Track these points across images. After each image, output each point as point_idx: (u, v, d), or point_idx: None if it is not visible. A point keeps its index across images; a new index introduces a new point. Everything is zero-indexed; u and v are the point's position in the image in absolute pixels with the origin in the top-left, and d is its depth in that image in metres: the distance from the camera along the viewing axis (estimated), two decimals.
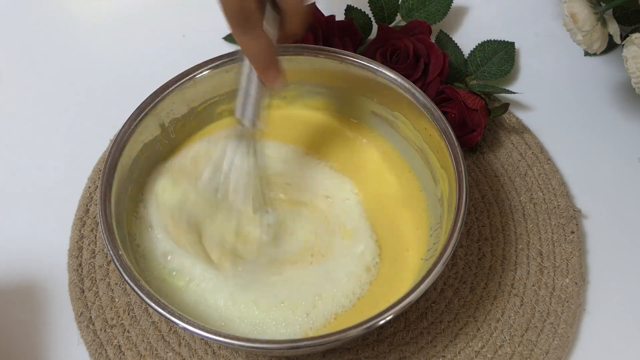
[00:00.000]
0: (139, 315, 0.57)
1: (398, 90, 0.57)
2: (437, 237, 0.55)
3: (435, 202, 0.57)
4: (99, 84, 0.71)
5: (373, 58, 0.62)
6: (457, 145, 0.54)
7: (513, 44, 0.70)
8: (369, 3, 0.71)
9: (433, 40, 0.69)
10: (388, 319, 0.47)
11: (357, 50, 0.69)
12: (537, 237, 0.60)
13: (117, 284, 0.58)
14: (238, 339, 0.46)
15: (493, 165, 0.65)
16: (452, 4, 0.71)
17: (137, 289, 0.48)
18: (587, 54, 0.73)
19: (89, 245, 0.60)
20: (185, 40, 0.75)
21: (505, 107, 0.65)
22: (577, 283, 0.58)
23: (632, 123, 0.68)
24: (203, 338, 0.51)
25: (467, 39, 0.71)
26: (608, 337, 0.57)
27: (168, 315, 0.47)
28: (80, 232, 0.61)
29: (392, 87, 0.57)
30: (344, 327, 0.47)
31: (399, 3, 0.71)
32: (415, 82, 0.63)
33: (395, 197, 0.60)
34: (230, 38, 0.73)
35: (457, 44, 0.71)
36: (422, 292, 0.47)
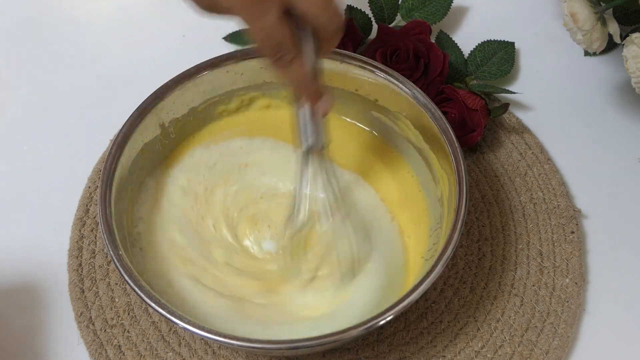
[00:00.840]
0: (139, 315, 0.57)
1: (398, 90, 0.57)
2: (437, 237, 0.55)
3: (435, 202, 0.57)
4: (99, 84, 0.71)
5: (373, 58, 0.62)
6: (457, 145, 0.54)
7: (513, 44, 0.70)
8: (369, 3, 0.71)
9: (433, 40, 0.69)
10: (388, 319, 0.47)
11: (357, 50, 0.69)
12: (537, 237, 0.60)
13: (117, 284, 0.58)
14: (238, 339, 0.46)
15: (493, 165, 0.65)
16: (452, 4, 0.71)
17: (137, 289, 0.48)
18: (587, 54, 0.73)
19: (89, 245, 0.60)
20: (185, 40, 0.75)
21: (505, 107, 0.65)
22: (577, 283, 0.58)
23: (632, 123, 0.68)
24: (203, 338, 0.51)
25: (467, 39, 0.71)
26: (608, 337, 0.57)
27: (168, 315, 0.47)
28: (80, 232, 0.61)
29: (392, 87, 0.57)
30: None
31: (399, 3, 0.71)
32: (415, 82, 0.63)
33: (395, 197, 0.60)
34: (230, 38, 0.73)
35: (457, 44, 0.71)
36: (422, 292, 0.47)
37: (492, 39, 0.70)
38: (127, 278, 0.48)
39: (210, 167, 0.60)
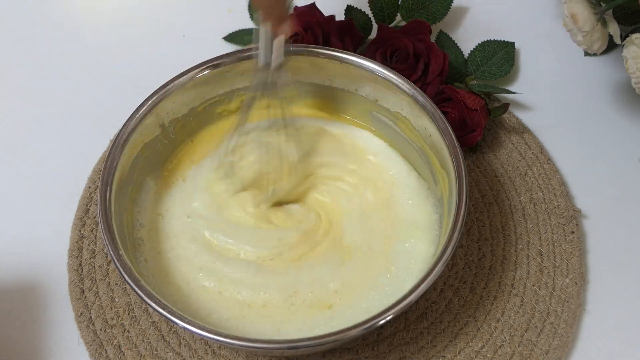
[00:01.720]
0: (139, 315, 0.57)
1: (398, 90, 0.57)
2: (437, 236, 0.55)
3: (435, 202, 0.57)
4: (99, 84, 0.71)
5: (373, 58, 0.62)
6: (457, 145, 0.54)
7: (513, 44, 0.70)
8: (369, 3, 0.70)
9: (433, 40, 0.69)
10: (388, 319, 0.47)
11: (357, 50, 0.69)
12: (537, 237, 0.60)
13: (117, 284, 0.58)
14: (238, 339, 0.46)
15: (493, 165, 0.65)
16: (452, 4, 0.71)
17: (137, 289, 0.48)
18: (587, 54, 0.73)
19: (89, 245, 0.60)
20: (185, 40, 0.75)
21: (505, 107, 0.65)
22: (577, 283, 0.58)
23: (632, 123, 0.68)
24: (203, 338, 0.51)
25: (467, 39, 0.71)
26: (608, 337, 0.57)
27: (168, 315, 0.47)
28: (80, 232, 0.61)
29: (392, 87, 0.57)
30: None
31: (399, 3, 0.71)
32: (415, 82, 0.63)
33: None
34: (230, 38, 0.73)
35: (457, 44, 0.71)
36: (422, 292, 0.47)
37: (492, 39, 0.70)
38: (127, 278, 0.48)
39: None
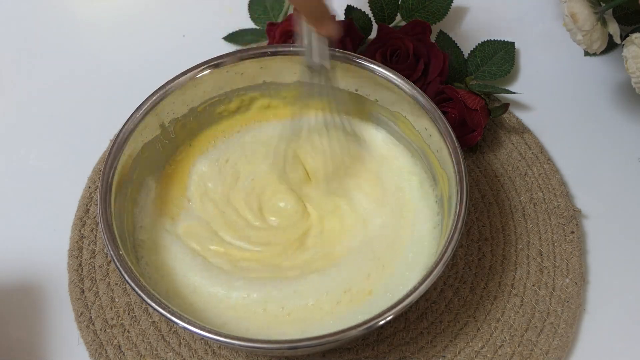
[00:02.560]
0: (139, 315, 0.57)
1: (398, 90, 0.57)
2: (437, 237, 0.55)
3: (435, 202, 0.57)
4: (99, 84, 0.71)
5: (373, 58, 0.62)
6: (457, 145, 0.54)
7: (513, 44, 0.70)
8: (369, 3, 0.70)
9: (433, 40, 0.69)
10: (388, 319, 0.47)
11: (357, 50, 0.69)
12: (537, 237, 0.60)
13: (117, 284, 0.58)
14: (238, 339, 0.46)
15: (493, 165, 0.65)
16: (452, 4, 0.71)
17: (137, 289, 0.48)
18: (587, 54, 0.73)
19: (89, 245, 0.60)
20: (185, 40, 0.75)
21: (505, 107, 0.65)
22: (577, 283, 0.58)
23: (632, 123, 0.68)
24: (203, 338, 0.51)
25: (467, 39, 0.71)
26: (608, 337, 0.57)
27: (168, 315, 0.47)
28: (80, 232, 0.61)
29: (392, 87, 0.57)
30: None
31: (399, 3, 0.71)
32: (415, 82, 0.63)
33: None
34: (230, 38, 0.73)
35: (457, 44, 0.71)
36: (422, 292, 0.47)
37: (492, 39, 0.70)
38: (127, 278, 0.48)
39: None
